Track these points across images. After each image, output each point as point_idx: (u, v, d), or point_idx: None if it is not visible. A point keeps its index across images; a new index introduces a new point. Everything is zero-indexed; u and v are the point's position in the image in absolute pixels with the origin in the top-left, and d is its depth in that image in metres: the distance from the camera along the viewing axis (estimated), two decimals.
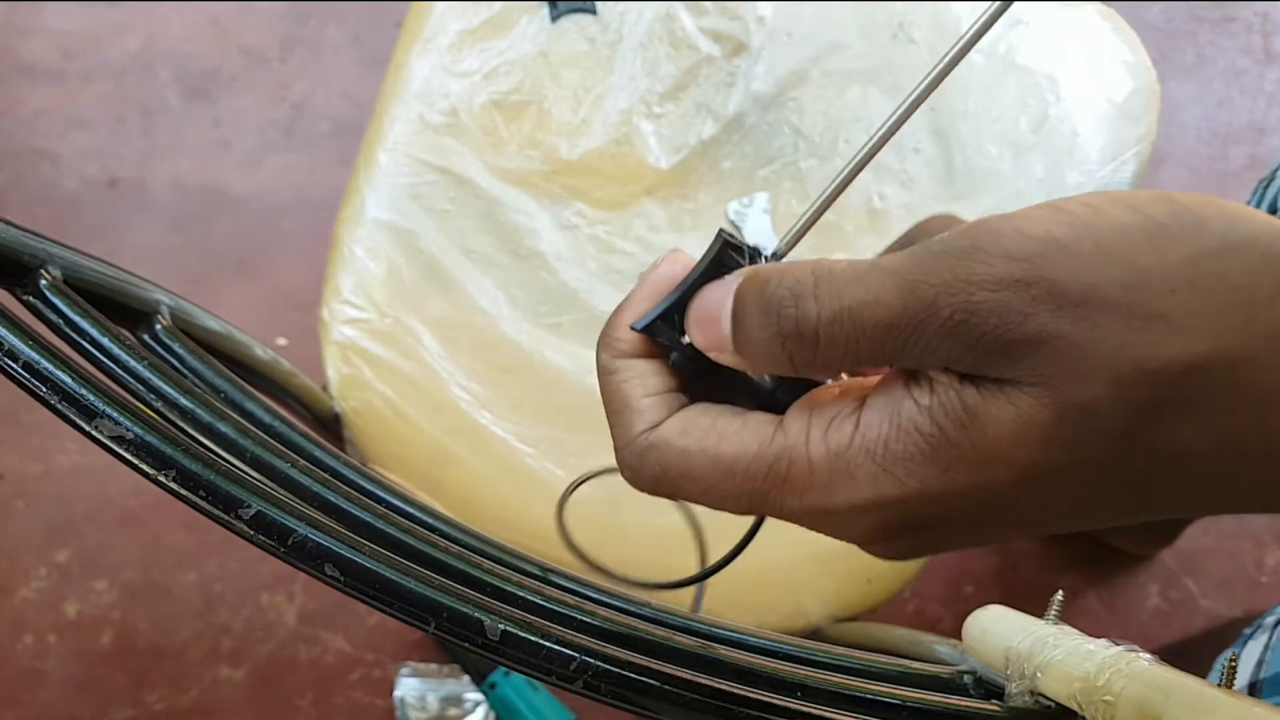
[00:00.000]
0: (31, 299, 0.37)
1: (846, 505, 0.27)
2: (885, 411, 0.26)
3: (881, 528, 0.27)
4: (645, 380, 0.30)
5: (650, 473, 0.30)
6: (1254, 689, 0.56)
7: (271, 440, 0.36)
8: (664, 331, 0.31)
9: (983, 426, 0.25)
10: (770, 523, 0.77)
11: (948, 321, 0.24)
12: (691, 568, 0.74)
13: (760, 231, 0.82)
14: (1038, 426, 0.24)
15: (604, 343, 0.31)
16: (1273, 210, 0.67)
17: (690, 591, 0.74)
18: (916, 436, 0.25)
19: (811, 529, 0.29)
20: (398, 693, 1.14)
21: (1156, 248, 0.23)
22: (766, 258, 0.31)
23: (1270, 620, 0.58)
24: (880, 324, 0.25)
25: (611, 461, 0.33)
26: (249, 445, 0.36)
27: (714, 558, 0.32)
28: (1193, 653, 1.17)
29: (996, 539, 0.28)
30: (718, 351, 0.28)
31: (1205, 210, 0.23)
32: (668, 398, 0.30)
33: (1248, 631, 0.59)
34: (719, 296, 0.28)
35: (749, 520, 0.36)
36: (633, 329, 0.31)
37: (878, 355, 0.26)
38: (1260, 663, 0.56)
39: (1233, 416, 0.24)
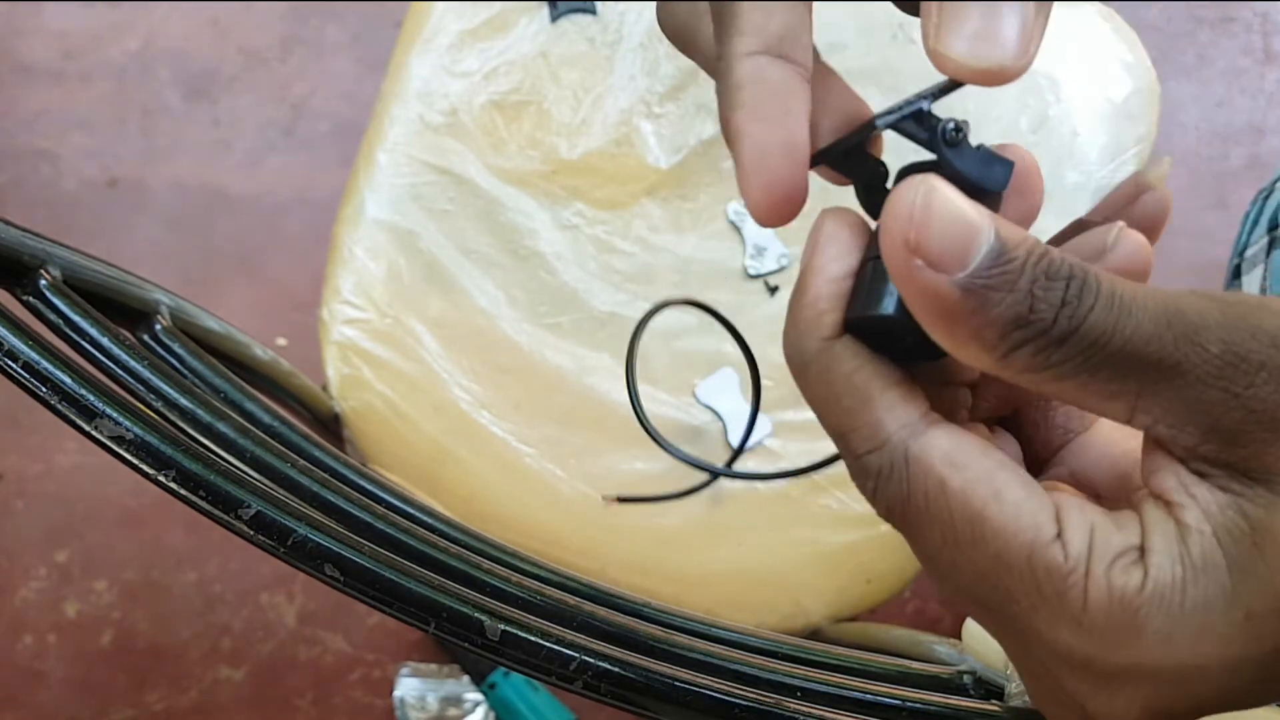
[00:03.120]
0: (31, 299, 0.37)
1: (1122, 664, 0.21)
2: (1173, 551, 0.21)
3: (1151, 710, 0.22)
4: (879, 366, 0.24)
5: (897, 492, 0.23)
6: None
7: (271, 440, 0.36)
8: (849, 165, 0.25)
9: (1275, 541, 0.20)
10: (770, 522, 0.76)
11: (1214, 359, 0.20)
12: (694, 568, 0.75)
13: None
14: None
15: (804, 324, 0.24)
16: (1273, 225, 0.67)
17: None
18: (1214, 573, 0.21)
19: (1055, 678, 0.23)
20: (397, 693, 1.14)
21: None
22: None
23: None
24: (1144, 335, 0.21)
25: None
26: (249, 445, 0.36)
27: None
28: None
29: None
30: (931, 277, 0.21)
31: None
32: (915, 388, 0.24)
33: None
34: (974, 213, 0.21)
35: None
36: (818, 157, 0.25)
37: (1130, 384, 0.21)
38: None
39: None
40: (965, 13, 0.22)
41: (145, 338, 0.44)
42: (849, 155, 0.27)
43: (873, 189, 0.27)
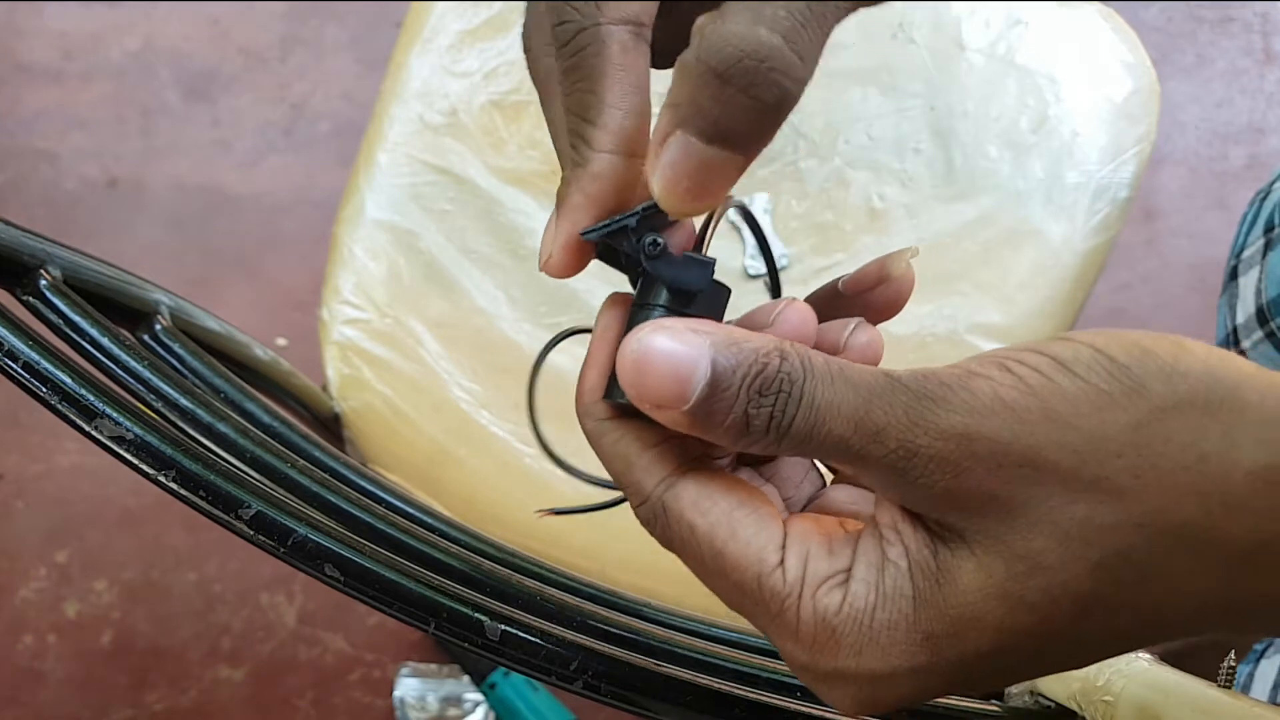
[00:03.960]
0: (31, 299, 0.37)
1: (829, 669, 0.26)
2: (871, 578, 0.26)
3: (859, 701, 0.27)
4: (639, 434, 0.29)
5: (663, 535, 0.29)
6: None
7: (271, 441, 0.36)
8: (619, 247, 0.28)
9: (954, 581, 0.25)
10: None
11: (891, 454, 0.24)
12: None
13: (764, 231, 0.82)
14: (996, 581, 0.24)
15: (582, 412, 0.30)
16: (1269, 226, 0.67)
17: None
18: (900, 601, 0.25)
19: (793, 673, 0.28)
20: (397, 693, 1.14)
21: (1100, 415, 0.23)
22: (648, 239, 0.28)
23: None
24: (836, 436, 0.25)
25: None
26: (249, 446, 0.36)
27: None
28: (1193, 653, 1.17)
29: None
30: (661, 411, 0.25)
31: (1146, 371, 0.24)
32: (667, 448, 0.28)
33: (1259, 647, 0.59)
34: (687, 356, 0.25)
35: None
36: (584, 236, 0.29)
37: (833, 460, 0.27)
38: (1277, 685, 0.56)
39: (1195, 580, 0.23)
40: (662, 147, 0.26)
41: (145, 338, 0.44)
42: (608, 251, 0.29)
43: (630, 271, 0.30)
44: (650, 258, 0.28)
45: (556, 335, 0.34)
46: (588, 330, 0.32)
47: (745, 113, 0.24)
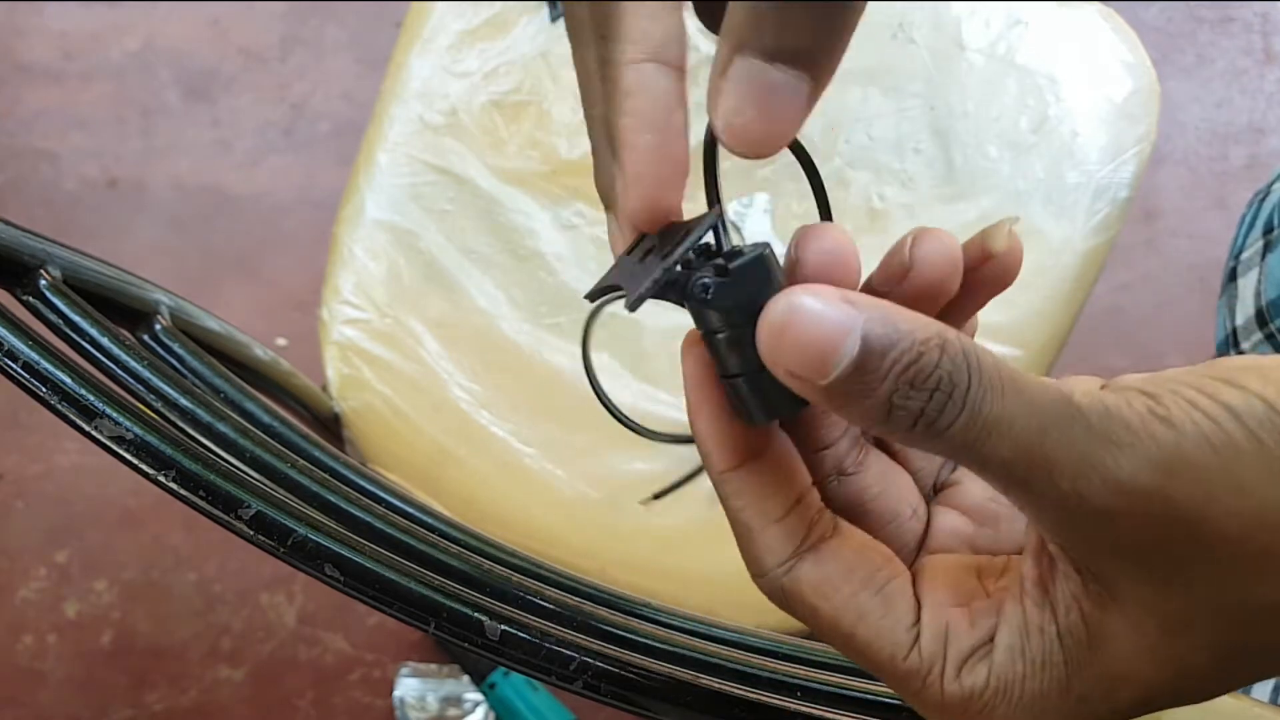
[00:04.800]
0: (31, 299, 0.37)
1: None
2: (1017, 645, 0.25)
3: None
4: (762, 504, 0.27)
5: (786, 608, 0.27)
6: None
7: (271, 441, 0.36)
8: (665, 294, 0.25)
9: (1106, 643, 0.24)
10: None
11: (1061, 496, 0.22)
12: (694, 568, 0.75)
13: (760, 232, 0.82)
14: (1149, 642, 0.23)
15: (704, 459, 0.28)
16: (1268, 228, 0.67)
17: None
18: (1051, 669, 0.24)
19: None
20: (397, 693, 1.14)
21: (1275, 484, 0.21)
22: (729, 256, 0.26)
23: None
24: (999, 458, 0.22)
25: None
26: (249, 446, 0.36)
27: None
28: None
29: None
30: (797, 381, 0.23)
31: None
32: (790, 523, 0.27)
33: None
34: (836, 326, 0.22)
35: None
36: (628, 308, 0.25)
37: (985, 477, 0.24)
38: (1277, 687, 0.56)
39: None
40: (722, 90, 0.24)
41: (145, 338, 0.44)
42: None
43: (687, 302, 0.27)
44: (703, 301, 0.25)
45: (597, 289, 0.28)
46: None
47: (812, 21, 0.22)
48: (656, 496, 0.33)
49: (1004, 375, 0.22)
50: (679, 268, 0.26)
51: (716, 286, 0.25)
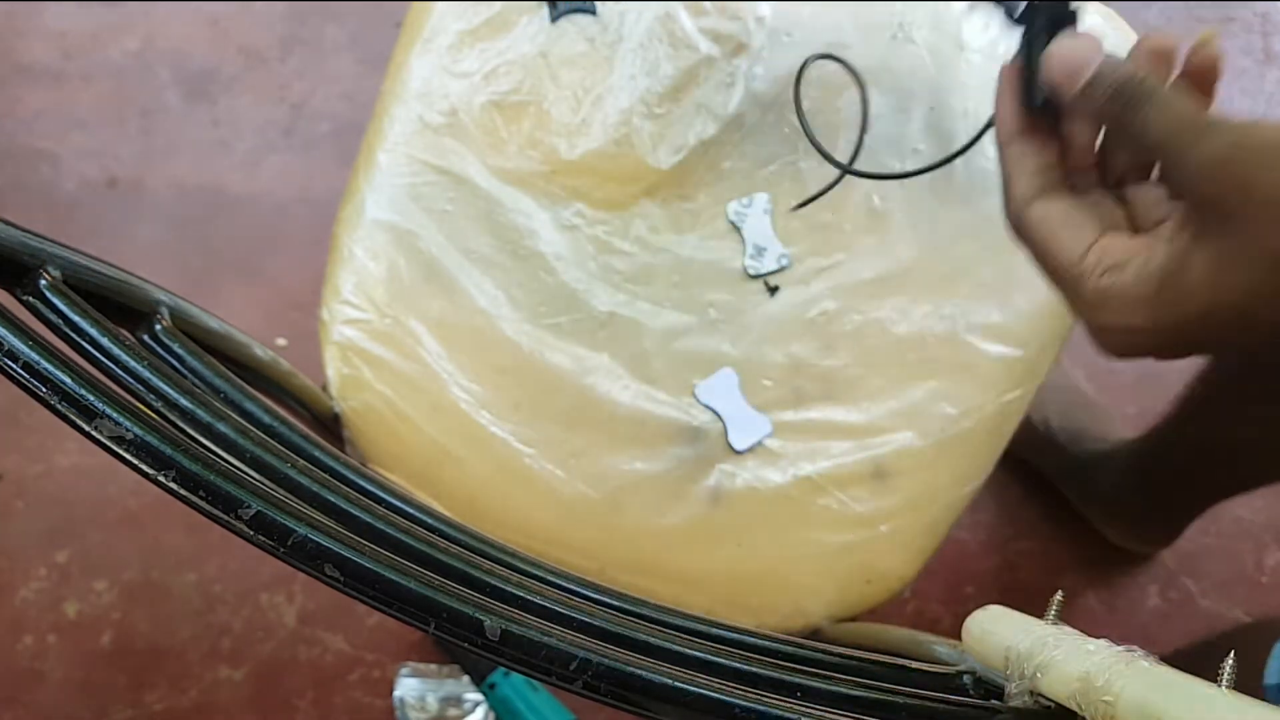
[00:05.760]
0: (31, 299, 0.37)
1: (1103, 323, 0.41)
2: (1137, 268, 0.40)
3: (1120, 344, 0.41)
4: (1025, 159, 0.46)
5: (1010, 231, 0.46)
6: None
7: (271, 441, 0.36)
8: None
9: (1185, 273, 0.38)
10: (770, 522, 0.77)
11: (1199, 165, 0.38)
12: (694, 568, 0.75)
13: (760, 231, 0.82)
14: (1211, 273, 0.38)
15: (1000, 122, 0.48)
16: None
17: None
18: (1150, 282, 0.39)
19: (1083, 324, 0.43)
20: (397, 693, 1.14)
21: None
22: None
23: None
24: (1158, 141, 0.40)
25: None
26: (248, 446, 0.36)
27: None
28: (1192, 655, 1.17)
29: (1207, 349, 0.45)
30: (1061, 87, 0.44)
31: None
32: (1043, 174, 0.45)
33: None
34: (1086, 58, 0.43)
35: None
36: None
37: (1154, 146, 0.41)
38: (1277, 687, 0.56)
39: None
40: None
41: (145, 338, 0.44)
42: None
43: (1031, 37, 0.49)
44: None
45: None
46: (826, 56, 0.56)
47: None
48: (802, 205, 0.52)
49: (1170, 95, 0.40)
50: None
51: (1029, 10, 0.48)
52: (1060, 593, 0.37)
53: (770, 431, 0.77)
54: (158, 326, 0.44)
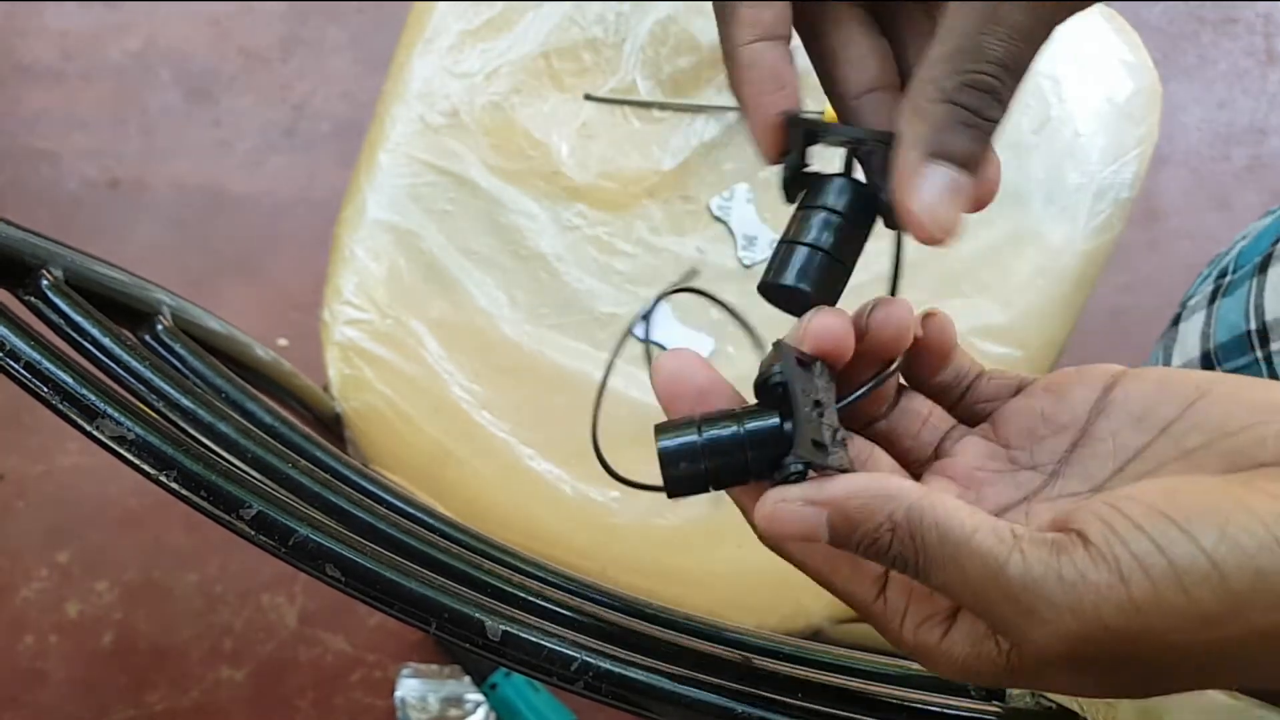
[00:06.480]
0: (33, 299, 0.37)
1: (929, 669, 0.30)
2: (971, 641, 0.29)
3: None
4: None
5: (780, 555, 0.32)
6: None
7: (272, 441, 0.36)
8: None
9: (1026, 665, 0.27)
10: None
11: (990, 630, 0.28)
12: (694, 568, 0.75)
13: (747, 221, 0.82)
14: (1056, 658, 0.26)
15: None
16: (1223, 274, 0.68)
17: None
18: (991, 664, 0.28)
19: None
20: (398, 693, 1.14)
21: (1201, 632, 0.25)
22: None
23: None
24: (950, 597, 0.28)
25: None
26: (250, 446, 0.36)
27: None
28: None
29: None
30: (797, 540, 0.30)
31: (1255, 595, 0.25)
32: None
33: None
34: (807, 525, 0.29)
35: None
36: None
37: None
38: None
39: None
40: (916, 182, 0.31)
41: (146, 338, 0.44)
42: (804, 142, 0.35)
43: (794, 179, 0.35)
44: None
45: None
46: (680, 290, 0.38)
47: (987, 135, 0.31)
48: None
49: (951, 545, 0.27)
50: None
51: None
52: None
53: (715, 348, 0.78)
54: (159, 327, 0.44)
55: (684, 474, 0.30)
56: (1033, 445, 0.32)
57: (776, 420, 0.30)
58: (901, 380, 0.35)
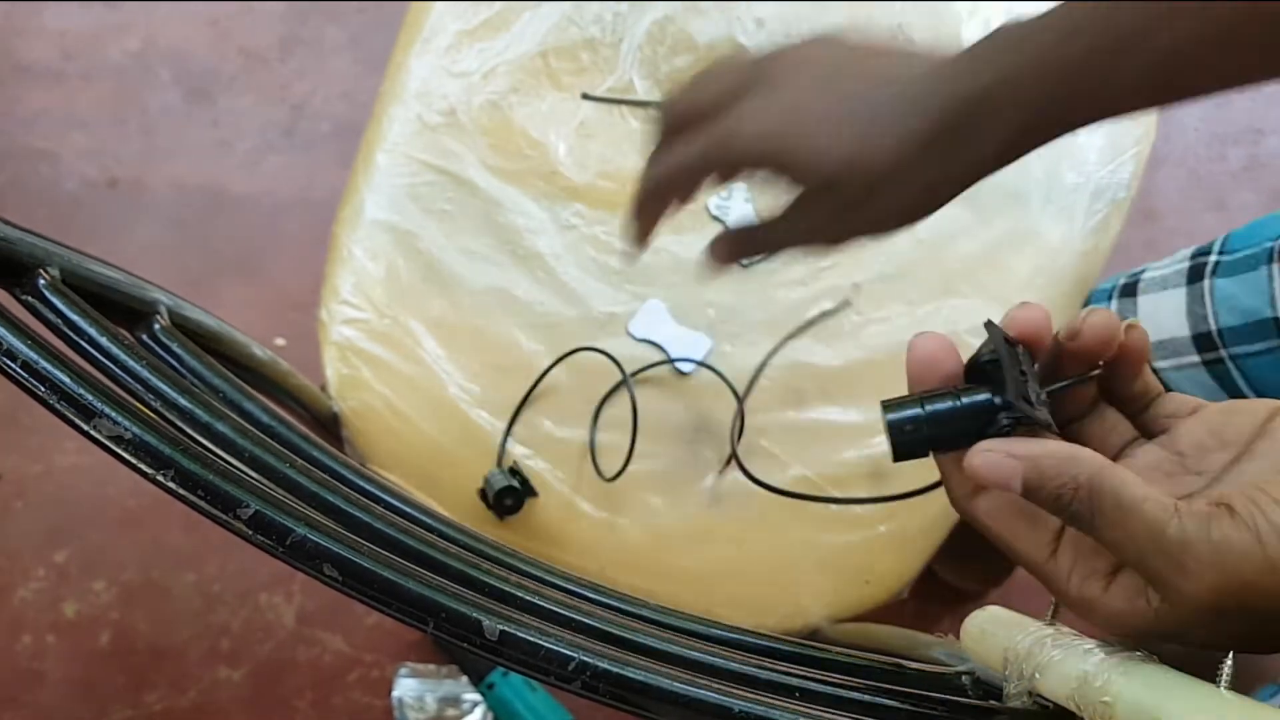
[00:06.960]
0: (30, 299, 0.37)
1: (1086, 619, 0.35)
2: (1127, 596, 0.33)
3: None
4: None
5: (971, 523, 0.38)
6: None
7: (270, 440, 0.36)
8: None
9: (1175, 615, 0.32)
10: (769, 523, 0.76)
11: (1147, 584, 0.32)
12: (693, 568, 0.75)
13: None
14: (1202, 608, 0.31)
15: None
16: (1201, 254, 0.68)
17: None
18: (1142, 616, 0.33)
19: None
20: (396, 693, 1.14)
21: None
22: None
23: None
24: (1118, 553, 0.32)
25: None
26: (247, 445, 0.36)
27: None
28: (1190, 654, 1.17)
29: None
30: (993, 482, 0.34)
31: None
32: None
33: None
34: (1007, 475, 0.34)
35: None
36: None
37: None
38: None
39: None
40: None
41: (144, 337, 0.44)
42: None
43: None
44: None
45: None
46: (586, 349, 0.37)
47: None
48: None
49: (1123, 509, 0.31)
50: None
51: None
52: None
53: (712, 346, 0.78)
54: (157, 326, 0.44)
55: (908, 438, 0.36)
56: (1202, 456, 0.36)
57: (988, 395, 0.35)
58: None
